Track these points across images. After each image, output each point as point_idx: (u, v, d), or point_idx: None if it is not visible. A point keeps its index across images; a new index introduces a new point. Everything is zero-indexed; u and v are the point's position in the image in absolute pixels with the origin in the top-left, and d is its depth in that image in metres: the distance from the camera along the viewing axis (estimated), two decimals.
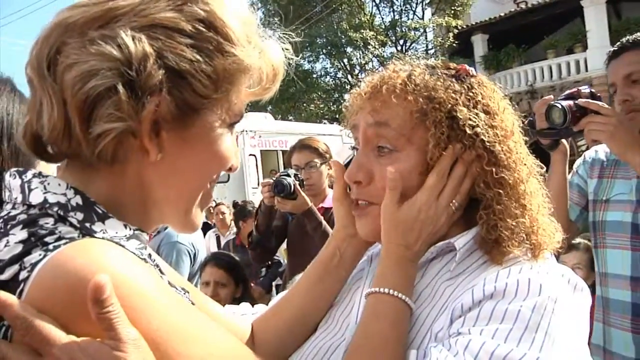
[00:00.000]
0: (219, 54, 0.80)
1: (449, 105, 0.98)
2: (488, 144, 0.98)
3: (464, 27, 21.43)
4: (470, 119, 0.98)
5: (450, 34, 21.07)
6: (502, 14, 20.49)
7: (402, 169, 1.00)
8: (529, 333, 0.84)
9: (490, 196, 0.98)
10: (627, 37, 2.16)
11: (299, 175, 3.24)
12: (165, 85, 0.77)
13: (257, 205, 3.96)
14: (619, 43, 2.17)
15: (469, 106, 0.99)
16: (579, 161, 2.39)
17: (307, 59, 23.25)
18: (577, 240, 3.36)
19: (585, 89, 2.03)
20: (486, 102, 1.01)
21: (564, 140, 2.12)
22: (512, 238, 0.97)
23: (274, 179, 3.19)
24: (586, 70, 17.63)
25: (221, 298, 3.45)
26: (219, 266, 3.53)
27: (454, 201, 1.00)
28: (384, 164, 1.01)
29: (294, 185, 3.11)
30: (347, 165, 1.11)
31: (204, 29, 0.79)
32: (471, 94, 1.01)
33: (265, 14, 23.48)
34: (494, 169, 0.98)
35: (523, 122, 1.09)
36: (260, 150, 11.89)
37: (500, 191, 0.98)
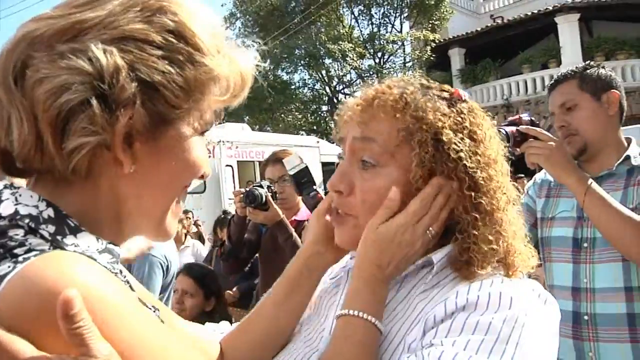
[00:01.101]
0: (190, 64, 0.80)
1: (436, 128, 0.99)
2: (470, 169, 0.99)
3: (442, 40, 21.73)
4: (454, 143, 0.99)
5: (428, 48, 21.34)
6: (479, 29, 20.85)
7: (382, 185, 1.01)
8: (500, 344, 0.85)
9: (467, 220, 0.99)
10: (560, 72, 2.44)
11: (272, 187, 3.23)
12: (138, 98, 0.76)
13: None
14: (555, 77, 2.43)
15: (456, 130, 1.00)
16: (530, 183, 2.62)
17: (285, 70, 23.36)
18: None
19: (525, 117, 2.21)
20: (473, 128, 1.02)
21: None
22: (483, 263, 0.98)
23: (246, 189, 3.18)
24: None
25: (185, 307, 3.41)
26: (190, 275, 3.52)
27: (431, 229, 1.01)
28: (366, 178, 1.03)
29: (265, 196, 3.11)
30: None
31: (174, 40, 0.79)
32: (459, 118, 1.02)
33: (244, 25, 23.54)
34: (472, 194, 0.99)
35: (509, 152, 1.11)
36: (237, 161, 11.82)
37: (477, 216, 0.99)
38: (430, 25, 21.89)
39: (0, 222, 0.75)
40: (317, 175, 12.16)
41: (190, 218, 9.55)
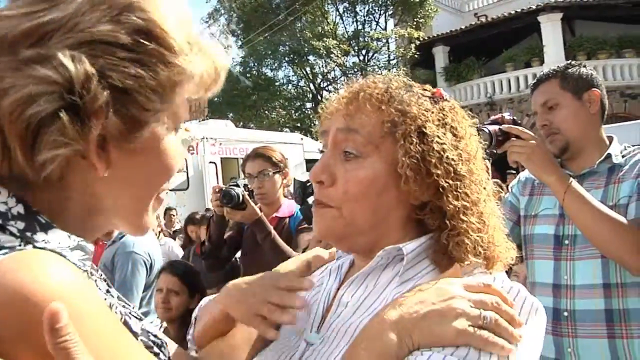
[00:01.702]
0: (162, 65, 0.77)
1: (420, 121, 1.02)
2: (452, 161, 1.01)
3: (426, 38, 21.81)
4: (438, 137, 1.01)
5: (412, 45, 21.41)
6: (463, 27, 20.96)
7: (365, 175, 1.02)
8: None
9: (457, 208, 1.00)
10: (543, 71, 2.47)
11: (249, 186, 3.21)
12: (111, 105, 0.73)
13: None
14: (537, 76, 2.46)
15: (439, 125, 1.03)
16: (514, 181, 2.65)
17: (269, 67, 23.29)
18: None
19: (508, 116, 2.23)
20: (455, 125, 1.06)
21: (486, 162, 2.28)
22: (471, 250, 0.99)
23: (222, 189, 3.16)
24: None
25: (172, 306, 3.37)
26: (174, 274, 3.46)
27: None
28: (349, 168, 1.04)
29: (242, 195, 3.08)
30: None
31: (144, 41, 0.75)
32: (442, 115, 1.05)
33: (229, 21, 23.42)
34: (458, 183, 1.01)
35: (485, 149, 1.15)
36: (221, 158, 11.77)
37: (466, 204, 1.01)
38: (414, 23, 21.96)
39: None
40: (301, 172, 12.17)
41: (174, 215, 9.49)
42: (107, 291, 0.84)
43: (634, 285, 2.08)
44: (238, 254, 3.75)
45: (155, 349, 0.88)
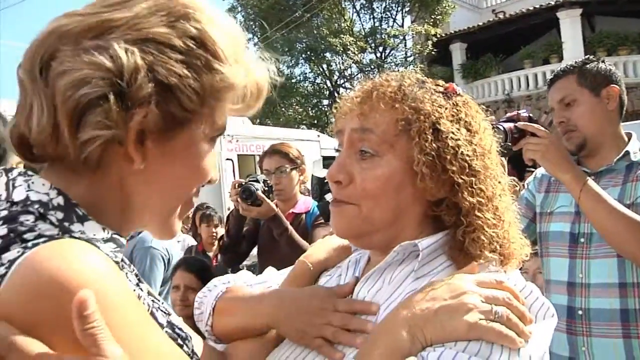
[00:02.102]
0: (207, 70, 0.83)
1: (434, 118, 1.02)
2: (467, 157, 1.02)
3: (443, 35, 21.66)
4: (452, 132, 1.02)
5: (429, 42, 21.26)
6: (481, 24, 20.77)
7: (382, 173, 1.04)
8: (498, 348, 0.87)
9: (472, 204, 1.01)
10: (559, 67, 2.43)
11: (268, 181, 3.23)
12: (154, 98, 0.79)
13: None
14: (554, 72, 2.42)
15: (452, 121, 1.04)
16: (530, 177, 2.63)
17: (286, 64, 23.27)
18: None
19: (524, 113, 2.22)
20: (468, 120, 1.06)
21: (502, 158, 2.27)
22: (487, 246, 1.00)
23: (242, 184, 3.16)
24: None
25: (191, 303, 3.39)
26: (190, 270, 3.47)
27: None
28: (365, 167, 1.05)
29: (256, 191, 3.10)
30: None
31: (194, 46, 0.82)
32: (455, 110, 1.06)
33: (245, 18, 23.46)
34: (473, 179, 1.02)
35: (500, 144, 1.15)
36: (238, 155, 11.78)
37: (482, 200, 1.02)
38: (431, 20, 21.81)
39: (12, 208, 0.77)
40: (318, 168, 12.16)
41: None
42: (137, 284, 0.88)
43: None
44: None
45: (179, 341, 0.91)
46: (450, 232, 1.04)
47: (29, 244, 0.71)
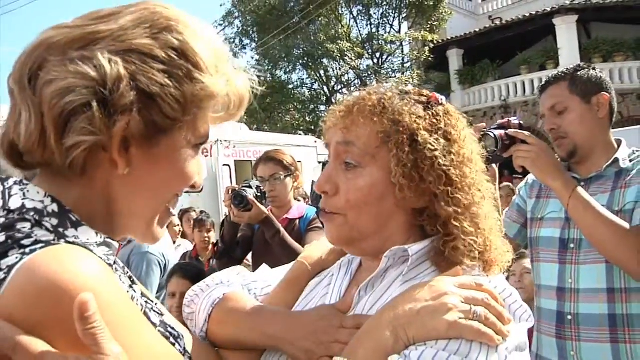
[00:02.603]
0: (188, 80, 0.86)
1: (412, 129, 1.06)
2: (444, 167, 1.05)
3: (440, 41, 21.74)
4: (430, 144, 1.06)
5: (426, 48, 21.34)
6: (478, 30, 20.88)
7: (364, 184, 1.08)
8: (477, 346, 0.91)
9: (449, 213, 1.05)
10: (551, 73, 2.45)
11: (262, 187, 3.23)
12: (136, 106, 0.82)
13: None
14: (545, 79, 2.44)
15: (431, 131, 1.07)
16: (522, 183, 2.66)
17: (283, 70, 23.33)
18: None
19: (515, 120, 2.24)
20: (448, 129, 1.09)
21: (493, 165, 2.30)
22: (465, 254, 1.04)
23: (234, 190, 3.17)
24: None
25: None
26: (185, 277, 3.47)
27: None
28: (350, 178, 1.10)
29: (246, 197, 3.09)
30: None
31: (175, 57, 0.86)
32: (435, 120, 1.09)
33: (243, 24, 23.51)
34: (449, 189, 1.05)
35: (488, 152, 1.15)
36: (235, 161, 11.79)
37: (458, 209, 1.05)
38: (428, 26, 21.90)
39: (9, 216, 0.81)
40: (315, 174, 12.18)
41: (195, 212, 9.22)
42: (131, 286, 0.91)
43: (638, 290, 2.08)
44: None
45: (172, 340, 0.94)
46: (435, 240, 1.08)
47: (27, 250, 0.75)
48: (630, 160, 2.22)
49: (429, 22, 21.97)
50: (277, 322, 1.14)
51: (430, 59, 21.31)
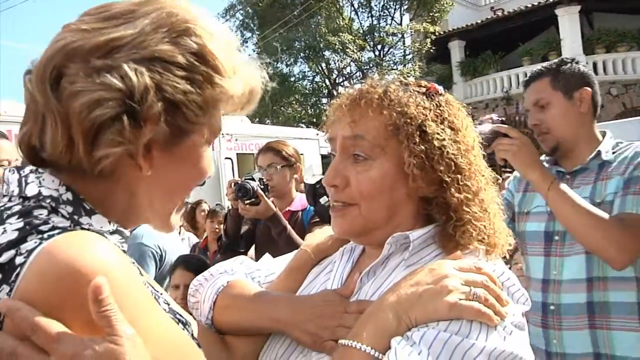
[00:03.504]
0: (209, 84, 0.89)
1: (419, 120, 1.08)
2: (453, 155, 1.08)
3: (442, 33, 21.67)
4: (437, 133, 1.08)
5: (428, 40, 21.27)
6: (479, 21, 20.79)
7: (376, 175, 1.10)
8: (477, 325, 0.95)
9: (460, 200, 1.08)
10: (534, 69, 2.48)
11: (264, 180, 3.22)
12: (163, 115, 0.85)
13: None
14: (530, 74, 2.47)
15: (437, 122, 1.10)
16: (511, 177, 2.69)
17: (285, 63, 23.27)
18: None
19: (496, 117, 2.29)
20: (452, 119, 1.12)
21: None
22: (475, 237, 1.08)
23: (238, 182, 3.16)
24: None
25: None
26: (189, 269, 3.45)
27: None
28: (360, 170, 1.11)
29: (255, 189, 3.09)
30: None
31: (196, 62, 0.87)
32: (439, 111, 1.12)
33: (245, 17, 23.45)
34: (459, 177, 1.09)
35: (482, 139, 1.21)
36: (237, 154, 11.80)
37: (469, 195, 1.09)
38: (430, 18, 21.81)
39: (26, 203, 0.84)
40: (317, 167, 12.17)
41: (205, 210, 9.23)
42: (140, 272, 0.94)
43: (614, 279, 2.14)
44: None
45: (181, 326, 0.96)
46: (440, 224, 1.12)
47: (45, 235, 0.78)
48: (613, 152, 2.25)
49: (431, 14, 21.88)
50: (281, 306, 1.16)
51: (431, 50, 21.24)
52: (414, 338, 0.93)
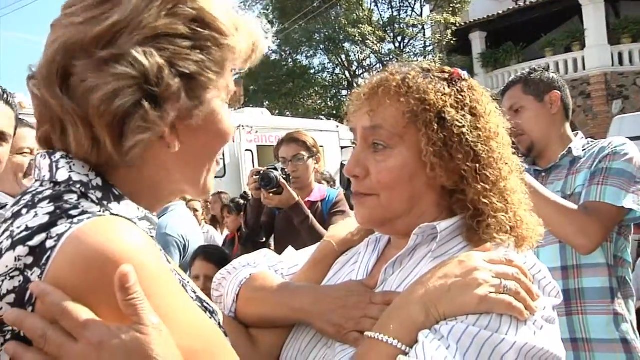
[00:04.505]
0: (216, 47, 0.88)
1: (438, 107, 1.06)
2: (472, 143, 1.06)
3: (462, 24, 21.41)
4: (457, 120, 1.06)
5: (449, 31, 21.05)
6: (501, 12, 20.49)
7: (394, 164, 1.09)
8: (507, 319, 0.93)
9: (477, 190, 1.06)
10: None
11: (286, 170, 3.23)
12: (182, 90, 0.84)
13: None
14: (506, 83, 2.69)
15: (457, 108, 1.08)
16: None
17: (304, 55, 23.23)
18: None
19: None
20: (473, 105, 1.10)
21: None
22: (497, 229, 1.05)
23: (261, 172, 3.16)
24: (584, 68, 17.65)
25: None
26: (209, 260, 3.46)
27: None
28: (379, 160, 1.11)
29: (278, 178, 3.09)
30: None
31: (198, 28, 0.86)
32: (460, 96, 1.10)
33: (264, 7, 23.41)
34: (477, 166, 1.06)
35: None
36: (257, 146, 11.83)
37: (487, 186, 1.06)
38: (450, 9, 21.58)
39: (56, 187, 0.84)
40: (337, 159, 12.16)
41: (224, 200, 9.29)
42: (167, 260, 0.93)
43: (588, 266, 2.26)
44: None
45: (208, 314, 0.95)
46: (466, 216, 1.09)
47: (75, 220, 0.78)
48: (583, 149, 2.42)
49: (451, 5, 21.64)
50: (304, 296, 1.16)
51: (452, 42, 21.02)
52: (442, 332, 0.91)
